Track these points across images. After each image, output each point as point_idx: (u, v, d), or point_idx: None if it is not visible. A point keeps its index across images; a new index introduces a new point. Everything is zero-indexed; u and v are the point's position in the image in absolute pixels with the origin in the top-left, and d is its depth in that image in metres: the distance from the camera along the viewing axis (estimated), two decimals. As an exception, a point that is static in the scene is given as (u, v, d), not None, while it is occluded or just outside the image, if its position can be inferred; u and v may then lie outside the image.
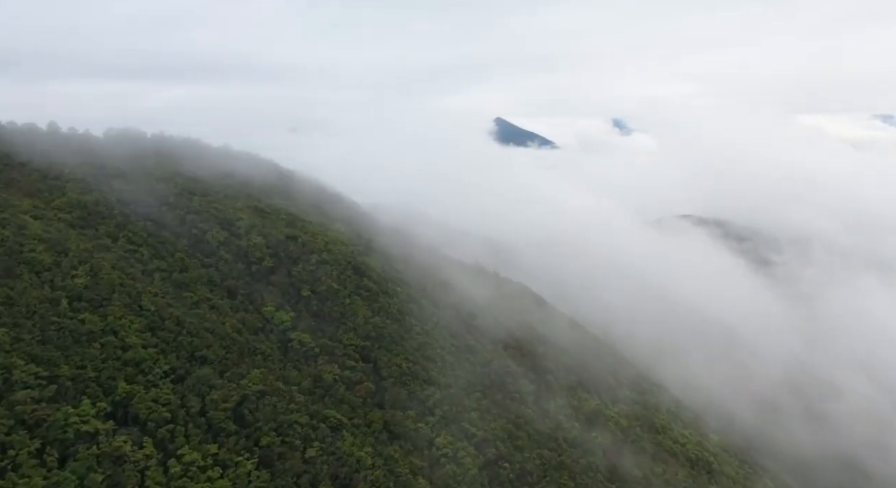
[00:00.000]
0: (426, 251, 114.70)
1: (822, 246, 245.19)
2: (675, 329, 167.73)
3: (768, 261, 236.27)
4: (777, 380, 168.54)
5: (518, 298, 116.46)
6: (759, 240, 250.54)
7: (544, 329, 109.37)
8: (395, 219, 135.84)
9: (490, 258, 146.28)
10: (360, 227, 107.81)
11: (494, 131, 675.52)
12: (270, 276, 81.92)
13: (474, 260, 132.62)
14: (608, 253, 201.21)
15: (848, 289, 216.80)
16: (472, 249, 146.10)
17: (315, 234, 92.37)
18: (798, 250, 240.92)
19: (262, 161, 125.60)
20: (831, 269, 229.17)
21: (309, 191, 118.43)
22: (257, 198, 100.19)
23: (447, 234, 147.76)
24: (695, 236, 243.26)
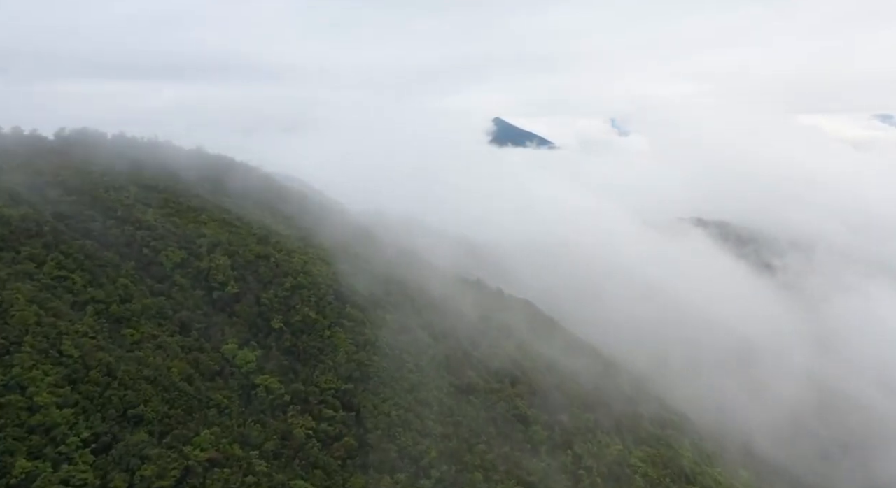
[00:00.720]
0: (422, 266, 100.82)
1: (824, 249, 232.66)
2: (682, 338, 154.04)
3: (771, 266, 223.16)
4: (794, 397, 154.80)
5: (523, 318, 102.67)
6: (761, 242, 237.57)
7: (553, 353, 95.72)
8: (387, 228, 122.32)
9: (488, 267, 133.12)
10: (347, 240, 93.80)
11: (493, 131, 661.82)
12: (235, 305, 67.95)
13: (473, 272, 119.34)
14: (609, 258, 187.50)
15: (856, 294, 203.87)
16: (469, 259, 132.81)
17: (292, 252, 78.37)
18: (800, 253, 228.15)
19: (241, 165, 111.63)
20: (836, 273, 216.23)
21: (293, 200, 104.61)
22: (226, 209, 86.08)
23: (443, 243, 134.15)
24: (697, 239, 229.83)
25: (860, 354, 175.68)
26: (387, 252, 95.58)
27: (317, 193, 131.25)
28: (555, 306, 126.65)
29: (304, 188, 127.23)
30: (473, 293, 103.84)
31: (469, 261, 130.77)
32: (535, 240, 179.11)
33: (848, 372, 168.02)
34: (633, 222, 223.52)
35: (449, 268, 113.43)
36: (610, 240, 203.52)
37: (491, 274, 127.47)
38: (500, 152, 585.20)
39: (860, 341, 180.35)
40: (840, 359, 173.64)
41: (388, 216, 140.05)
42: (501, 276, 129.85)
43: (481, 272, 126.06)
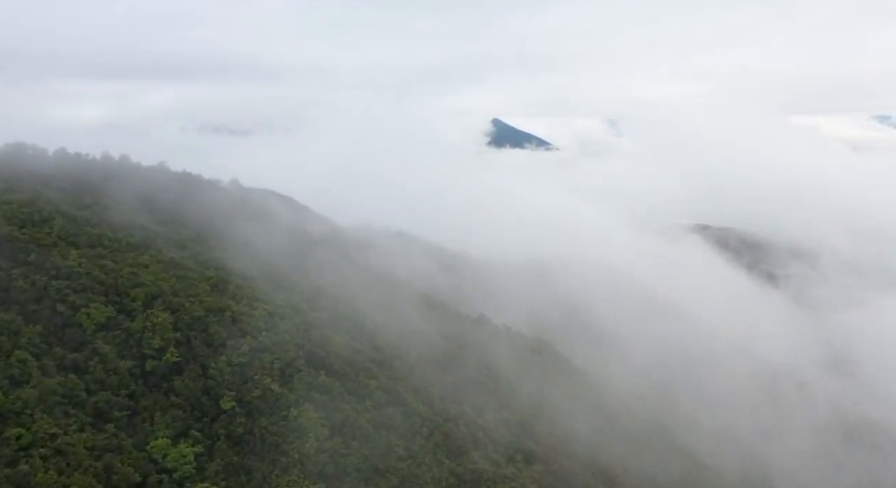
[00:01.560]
0: (417, 302, 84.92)
1: (828, 257, 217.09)
2: (689, 361, 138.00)
3: (774, 276, 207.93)
4: (818, 428, 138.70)
5: (534, 363, 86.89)
6: (764, 250, 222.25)
7: (570, 408, 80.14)
8: (375, 248, 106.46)
9: (481, 286, 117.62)
10: (326, 279, 77.83)
11: (491, 133, 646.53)
12: (174, 379, 52.06)
13: (468, 296, 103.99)
14: (607, 271, 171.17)
15: (866, 308, 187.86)
16: (462, 279, 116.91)
17: (255, 302, 62.35)
18: (803, 262, 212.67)
19: (209, 184, 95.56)
20: (842, 285, 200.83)
21: (268, 225, 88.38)
22: (181, 242, 70.13)
23: (435, 264, 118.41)
24: (698, 248, 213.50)
25: (880, 378, 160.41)
26: (374, 290, 79.54)
27: (300, 210, 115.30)
28: (549, 325, 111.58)
29: (285, 206, 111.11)
30: (475, 332, 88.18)
31: (462, 283, 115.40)
32: (529, 253, 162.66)
33: (869, 398, 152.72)
34: (630, 230, 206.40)
35: (445, 298, 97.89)
36: (607, 251, 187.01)
37: (485, 294, 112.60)
38: (498, 154, 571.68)
39: (877, 362, 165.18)
40: (860, 383, 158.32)
41: (376, 232, 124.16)
42: (495, 296, 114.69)
43: (476, 293, 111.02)
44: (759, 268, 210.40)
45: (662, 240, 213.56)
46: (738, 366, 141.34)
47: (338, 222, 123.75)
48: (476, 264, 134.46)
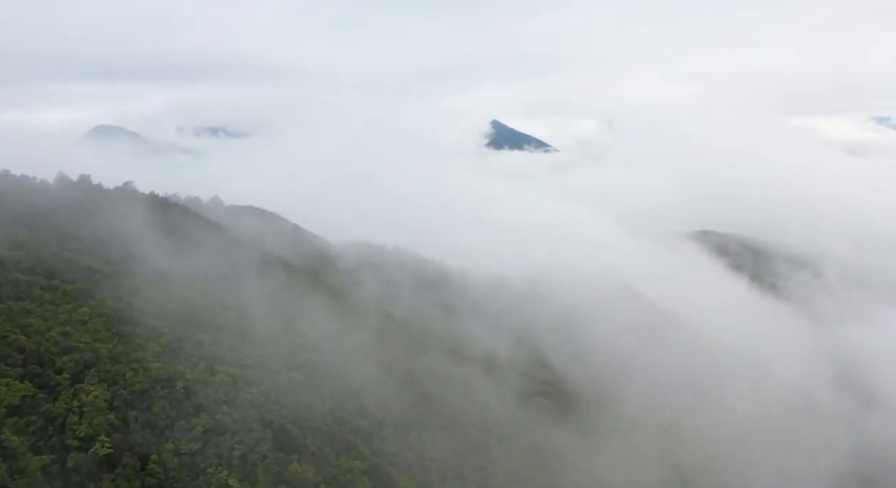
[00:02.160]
0: (412, 343, 73.70)
1: (830, 266, 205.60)
2: (694, 384, 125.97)
3: (778, 286, 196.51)
4: (841, 459, 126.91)
5: (548, 411, 75.72)
6: (765, 257, 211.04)
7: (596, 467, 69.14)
8: (370, 276, 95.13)
9: (479, 305, 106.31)
10: (310, 321, 66.52)
11: (490, 134, 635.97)
12: (104, 476, 40.82)
13: (470, 327, 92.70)
14: (610, 280, 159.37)
15: (872, 323, 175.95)
16: (461, 298, 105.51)
17: (216, 365, 51.08)
18: (806, 271, 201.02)
19: (183, 209, 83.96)
20: (845, 295, 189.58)
21: (244, 259, 76.61)
22: (134, 288, 58.61)
23: (434, 283, 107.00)
24: (700, 256, 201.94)
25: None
26: (359, 335, 68.11)
27: (287, 232, 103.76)
28: (542, 346, 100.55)
29: (270, 227, 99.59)
30: (479, 377, 76.98)
31: (458, 303, 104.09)
32: (525, 266, 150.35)
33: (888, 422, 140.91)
34: (630, 238, 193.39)
35: (440, 329, 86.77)
36: (606, 262, 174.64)
37: (480, 313, 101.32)
38: (497, 156, 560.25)
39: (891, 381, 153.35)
40: (879, 407, 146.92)
41: (371, 251, 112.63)
42: (490, 314, 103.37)
43: (470, 314, 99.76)
44: (763, 277, 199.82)
45: (664, 249, 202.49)
46: (751, 389, 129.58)
47: (329, 241, 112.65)
48: (473, 280, 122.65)
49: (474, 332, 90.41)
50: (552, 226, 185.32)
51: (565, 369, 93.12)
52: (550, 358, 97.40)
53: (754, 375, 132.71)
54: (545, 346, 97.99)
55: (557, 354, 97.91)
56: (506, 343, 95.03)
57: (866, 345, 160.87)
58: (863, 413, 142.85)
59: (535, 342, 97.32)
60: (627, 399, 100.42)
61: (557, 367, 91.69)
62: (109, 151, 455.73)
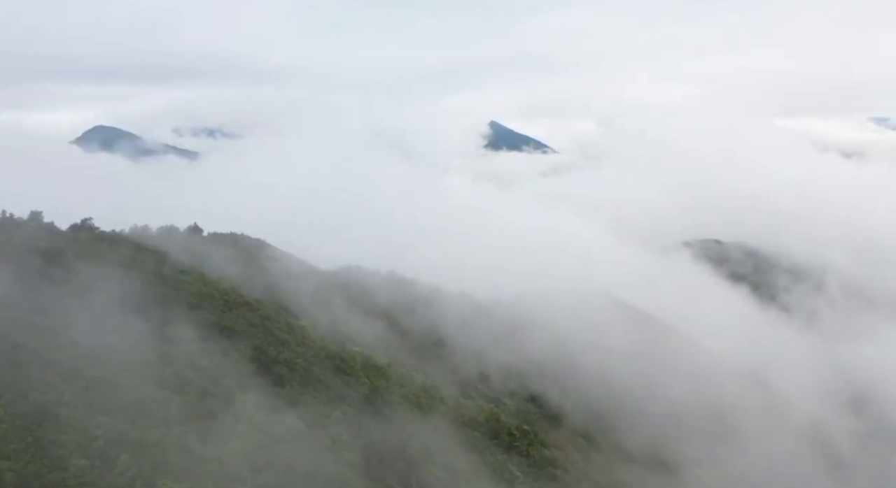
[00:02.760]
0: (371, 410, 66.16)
1: (832, 278, 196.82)
2: (710, 403, 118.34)
3: (781, 300, 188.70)
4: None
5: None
6: (766, 267, 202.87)
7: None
8: (366, 307, 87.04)
9: (473, 326, 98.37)
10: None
11: (489, 135, 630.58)
12: None
13: (458, 358, 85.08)
14: (611, 299, 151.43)
15: (879, 339, 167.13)
16: (454, 323, 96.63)
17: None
18: (808, 284, 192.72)
19: (149, 254, 75.63)
20: (849, 310, 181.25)
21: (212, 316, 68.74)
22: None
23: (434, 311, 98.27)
24: (700, 268, 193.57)
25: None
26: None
27: (273, 260, 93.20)
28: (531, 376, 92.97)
29: (253, 260, 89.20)
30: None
31: (451, 330, 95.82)
32: (512, 286, 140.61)
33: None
34: (630, 249, 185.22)
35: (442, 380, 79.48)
36: (603, 275, 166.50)
37: (472, 340, 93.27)
38: (495, 158, 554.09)
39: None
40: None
41: (365, 275, 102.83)
42: (483, 341, 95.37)
43: (462, 339, 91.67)
44: (765, 289, 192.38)
45: (664, 261, 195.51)
46: (763, 417, 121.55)
47: (319, 267, 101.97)
48: (471, 303, 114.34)
49: (451, 369, 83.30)
50: (546, 239, 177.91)
51: (559, 404, 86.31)
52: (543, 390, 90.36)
53: (766, 403, 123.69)
54: (535, 378, 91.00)
55: (550, 387, 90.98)
56: (487, 374, 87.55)
57: (875, 365, 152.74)
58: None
59: (523, 374, 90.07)
60: (629, 433, 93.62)
61: (550, 402, 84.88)
62: (105, 152, 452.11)
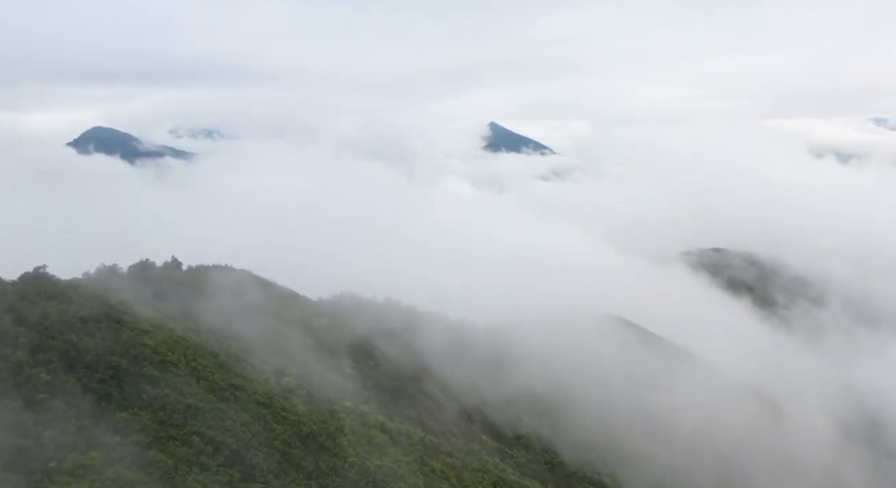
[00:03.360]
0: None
1: (834, 291, 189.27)
2: (721, 432, 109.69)
3: (777, 313, 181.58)
4: None
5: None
6: (767, 278, 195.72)
7: None
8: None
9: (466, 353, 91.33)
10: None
11: (488, 136, 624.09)
12: None
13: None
14: (609, 317, 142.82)
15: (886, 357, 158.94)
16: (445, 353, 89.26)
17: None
18: (809, 297, 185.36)
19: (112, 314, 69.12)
20: (852, 325, 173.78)
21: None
22: None
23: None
24: (701, 280, 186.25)
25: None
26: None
27: (262, 296, 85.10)
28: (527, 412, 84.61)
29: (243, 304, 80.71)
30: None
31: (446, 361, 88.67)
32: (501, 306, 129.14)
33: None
34: (624, 260, 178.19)
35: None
36: (597, 290, 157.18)
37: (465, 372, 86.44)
38: (493, 160, 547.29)
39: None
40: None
41: (360, 305, 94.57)
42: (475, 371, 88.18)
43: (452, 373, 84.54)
44: (766, 301, 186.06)
45: (664, 272, 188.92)
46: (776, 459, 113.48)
47: (309, 296, 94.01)
48: (463, 329, 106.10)
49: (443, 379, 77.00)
50: (543, 252, 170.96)
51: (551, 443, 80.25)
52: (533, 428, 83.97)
53: (778, 440, 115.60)
54: (532, 415, 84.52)
55: (547, 426, 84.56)
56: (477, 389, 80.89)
57: (884, 386, 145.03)
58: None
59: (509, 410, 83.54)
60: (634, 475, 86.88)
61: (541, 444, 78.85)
62: (102, 154, 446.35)
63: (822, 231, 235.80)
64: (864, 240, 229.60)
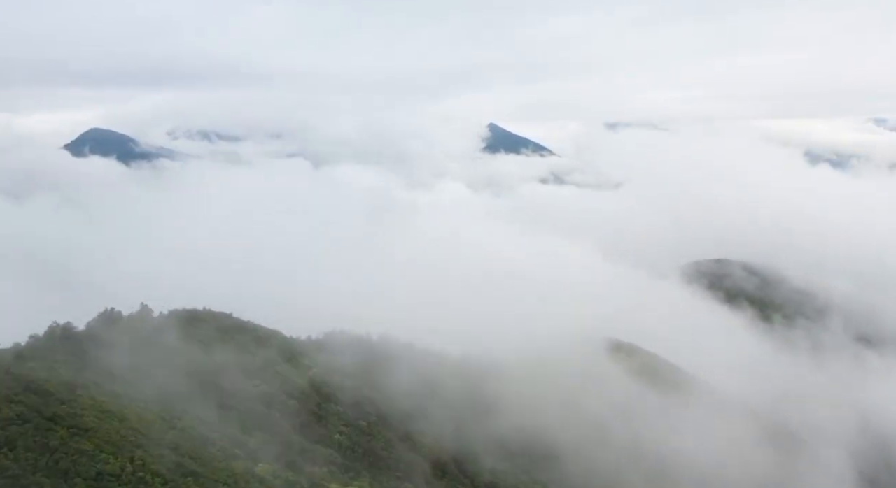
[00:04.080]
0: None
1: (836, 307, 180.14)
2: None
3: (785, 334, 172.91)
4: None
5: None
6: (770, 292, 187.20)
7: None
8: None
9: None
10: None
11: (487, 137, 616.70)
12: None
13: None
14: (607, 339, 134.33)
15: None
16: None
17: None
18: (812, 315, 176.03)
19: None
20: (856, 346, 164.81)
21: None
22: None
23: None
24: (703, 296, 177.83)
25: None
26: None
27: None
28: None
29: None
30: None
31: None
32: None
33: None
34: (622, 275, 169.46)
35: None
36: (591, 310, 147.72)
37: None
38: (491, 161, 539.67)
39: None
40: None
41: (350, 344, 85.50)
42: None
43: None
44: (767, 317, 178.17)
45: (663, 285, 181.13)
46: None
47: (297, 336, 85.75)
48: (453, 364, 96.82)
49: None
50: (536, 267, 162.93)
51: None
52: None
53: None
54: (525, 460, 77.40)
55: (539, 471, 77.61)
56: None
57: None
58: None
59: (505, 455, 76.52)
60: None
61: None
62: (98, 155, 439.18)
63: (824, 239, 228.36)
64: (866, 249, 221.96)
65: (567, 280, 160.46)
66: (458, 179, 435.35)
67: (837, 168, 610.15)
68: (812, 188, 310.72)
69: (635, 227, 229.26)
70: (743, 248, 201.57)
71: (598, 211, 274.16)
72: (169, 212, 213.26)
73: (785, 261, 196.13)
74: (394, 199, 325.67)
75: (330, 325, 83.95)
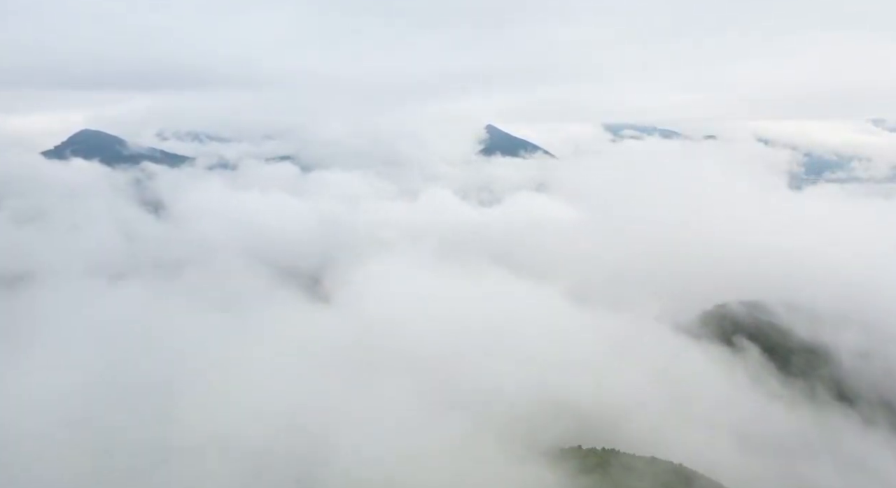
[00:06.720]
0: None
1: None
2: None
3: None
4: None
5: None
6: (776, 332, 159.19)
7: None
8: None
9: None
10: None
11: (485, 140, 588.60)
12: None
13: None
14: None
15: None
16: None
17: None
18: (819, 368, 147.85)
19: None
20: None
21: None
22: None
23: None
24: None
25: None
26: None
27: None
28: None
29: None
30: None
31: None
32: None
33: None
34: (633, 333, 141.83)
35: None
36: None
37: None
38: (486, 165, 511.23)
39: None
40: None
41: None
42: None
43: None
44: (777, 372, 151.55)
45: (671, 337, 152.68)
46: None
47: None
48: None
49: None
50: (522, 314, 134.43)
51: None
52: None
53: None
54: None
55: None
56: None
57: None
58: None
59: None
60: None
61: None
62: (83, 158, 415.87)
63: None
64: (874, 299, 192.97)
65: (536, 329, 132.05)
66: (449, 185, 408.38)
67: (838, 170, 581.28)
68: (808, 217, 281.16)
69: (627, 263, 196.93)
70: (744, 289, 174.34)
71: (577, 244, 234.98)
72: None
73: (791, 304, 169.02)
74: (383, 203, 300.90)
75: None
